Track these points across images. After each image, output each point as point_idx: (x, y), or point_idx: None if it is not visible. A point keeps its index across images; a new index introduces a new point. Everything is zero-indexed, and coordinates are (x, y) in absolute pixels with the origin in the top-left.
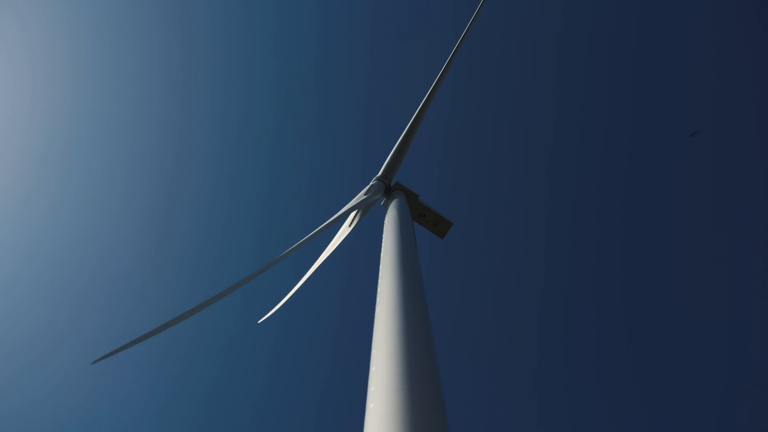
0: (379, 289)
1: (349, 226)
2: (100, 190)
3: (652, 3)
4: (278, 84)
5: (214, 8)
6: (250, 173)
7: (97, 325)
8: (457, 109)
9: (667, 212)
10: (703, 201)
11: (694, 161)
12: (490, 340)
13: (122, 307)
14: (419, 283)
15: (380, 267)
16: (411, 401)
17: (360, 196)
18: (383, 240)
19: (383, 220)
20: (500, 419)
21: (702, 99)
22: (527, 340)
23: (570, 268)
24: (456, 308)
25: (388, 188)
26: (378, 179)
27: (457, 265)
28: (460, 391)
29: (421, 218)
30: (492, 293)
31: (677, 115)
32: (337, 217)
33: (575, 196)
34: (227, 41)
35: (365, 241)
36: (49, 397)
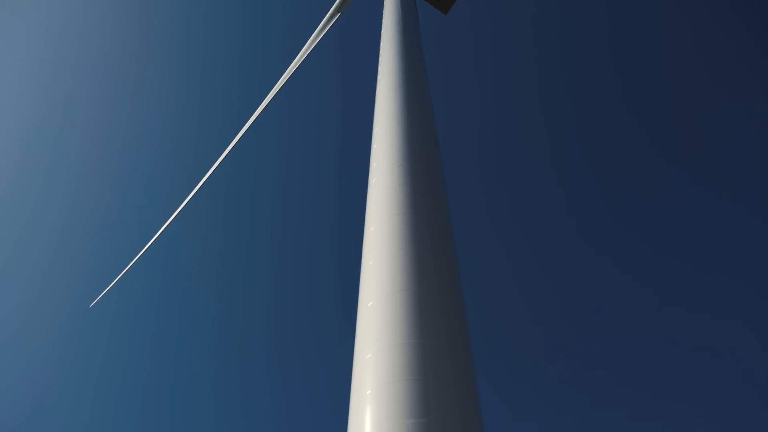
0: (380, 68)
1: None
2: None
3: None
4: None
5: None
6: None
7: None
8: None
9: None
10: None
11: None
12: (492, 99)
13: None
14: (422, 61)
15: (380, 45)
16: (411, 172)
17: None
18: (384, 15)
19: None
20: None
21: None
22: (530, 107)
23: (569, 67)
24: (456, 83)
25: None
26: None
27: (459, 43)
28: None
29: None
30: (492, 73)
31: None
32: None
33: None
34: None
35: (366, 14)
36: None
